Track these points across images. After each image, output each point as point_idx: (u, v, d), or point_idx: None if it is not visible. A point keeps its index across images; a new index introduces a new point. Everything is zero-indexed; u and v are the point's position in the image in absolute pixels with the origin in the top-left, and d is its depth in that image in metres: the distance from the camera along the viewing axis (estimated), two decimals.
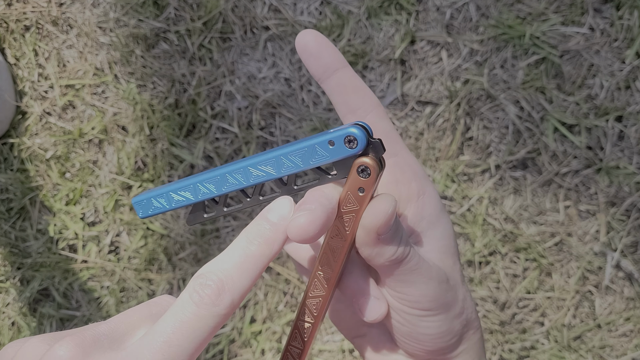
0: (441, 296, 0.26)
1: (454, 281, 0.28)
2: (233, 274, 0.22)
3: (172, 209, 0.26)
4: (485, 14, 0.88)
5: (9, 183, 0.90)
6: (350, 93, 0.27)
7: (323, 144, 0.21)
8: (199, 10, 0.89)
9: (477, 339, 0.30)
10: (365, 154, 0.22)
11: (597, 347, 0.86)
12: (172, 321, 0.21)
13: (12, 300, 0.89)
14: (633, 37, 0.86)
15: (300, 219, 0.22)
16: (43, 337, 0.22)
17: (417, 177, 0.28)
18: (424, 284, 0.26)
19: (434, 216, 0.28)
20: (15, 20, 0.91)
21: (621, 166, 0.86)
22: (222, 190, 0.24)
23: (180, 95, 0.89)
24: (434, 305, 0.26)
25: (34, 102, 0.91)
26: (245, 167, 0.23)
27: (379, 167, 0.22)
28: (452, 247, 0.29)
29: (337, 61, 0.27)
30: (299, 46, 0.27)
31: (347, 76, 0.27)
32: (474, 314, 0.29)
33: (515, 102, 0.87)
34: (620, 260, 0.86)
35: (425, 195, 0.28)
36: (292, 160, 0.22)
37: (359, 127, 0.21)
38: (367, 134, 0.22)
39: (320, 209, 0.22)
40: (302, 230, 0.22)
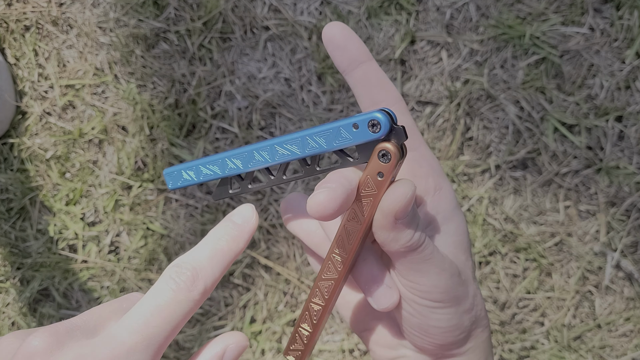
0: (452, 289, 0.27)
1: (466, 276, 0.28)
2: (205, 264, 0.24)
3: (200, 182, 0.26)
4: (485, 14, 0.88)
5: (9, 183, 0.90)
6: (374, 86, 0.27)
7: (347, 127, 0.22)
8: (199, 10, 0.89)
9: (485, 337, 0.30)
10: (387, 140, 0.22)
11: (597, 347, 0.85)
12: (151, 304, 0.23)
13: (12, 300, 0.89)
14: (633, 37, 0.86)
15: (319, 195, 0.22)
16: (16, 333, 0.23)
17: (435, 173, 0.28)
18: (436, 275, 0.26)
19: (449, 211, 0.29)
20: (15, 20, 0.91)
21: (621, 166, 0.86)
22: (249, 167, 0.25)
23: (180, 95, 0.89)
24: (445, 297, 0.27)
25: (34, 102, 0.91)
26: (272, 145, 0.24)
27: (400, 153, 0.22)
28: (465, 242, 0.29)
29: (362, 54, 0.27)
30: (326, 38, 0.27)
31: (372, 69, 0.27)
32: (483, 311, 0.29)
33: (515, 102, 0.87)
34: (620, 260, 0.86)
35: (442, 190, 0.29)
36: (317, 141, 0.23)
37: (384, 113, 0.22)
38: (391, 120, 0.22)
39: (340, 189, 0.23)
40: (321, 207, 0.22)
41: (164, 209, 0.89)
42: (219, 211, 0.88)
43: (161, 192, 0.89)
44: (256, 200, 0.88)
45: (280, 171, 0.26)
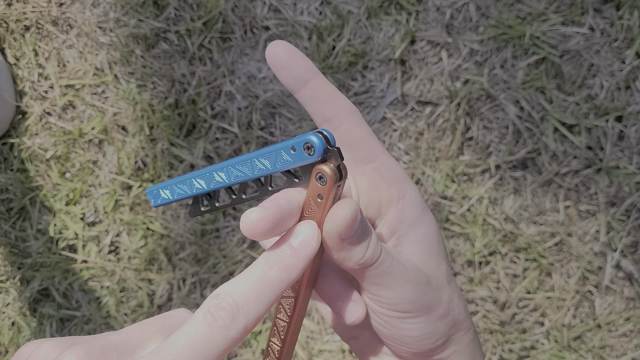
0: (420, 298, 0.26)
1: (438, 282, 0.28)
2: (249, 298, 0.21)
3: (175, 200, 0.27)
4: (485, 14, 0.88)
5: (9, 183, 0.90)
6: (322, 102, 0.27)
7: (286, 149, 0.22)
8: (199, 10, 0.89)
9: (469, 340, 0.29)
10: (324, 161, 0.22)
11: (597, 347, 0.86)
12: (184, 339, 0.21)
13: (12, 300, 0.89)
14: (633, 37, 0.86)
15: (252, 214, 0.22)
16: (57, 341, 0.22)
17: (397, 181, 0.28)
18: (399, 287, 0.26)
19: (415, 218, 0.28)
20: (15, 20, 0.91)
21: (621, 166, 0.86)
22: (211, 187, 0.26)
23: (180, 95, 0.89)
24: (412, 307, 0.26)
25: (34, 102, 0.91)
26: (227, 167, 0.25)
27: (336, 175, 0.22)
28: (435, 247, 0.28)
29: (307, 71, 0.27)
30: (269, 58, 0.26)
31: (319, 85, 0.27)
32: (462, 314, 0.29)
33: (515, 102, 0.87)
34: (620, 260, 0.86)
35: (406, 198, 0.28)
36: (263, 163, 0.23)
37: (318, 135, 0.22)
38: (326, 142, 0.22)
39: (275, 208, 0.22)
40: (252, 226, 0.22)
41: (164, 209, 0.89)
42: (218, 211, 0.88)
43: None
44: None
45: (240, 191, 0.26)
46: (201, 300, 0.88)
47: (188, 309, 0.92)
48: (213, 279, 0.87)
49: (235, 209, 0.88)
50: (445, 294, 0.28)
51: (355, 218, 0.23)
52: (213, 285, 0.88)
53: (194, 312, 0.22)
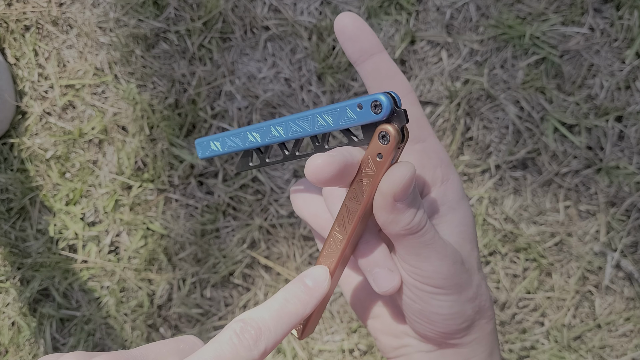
0: (455, 276, 0.27)
1: (470, 265, 0.28)
2: (270, 325, 0.24)
3: (225, 152, 0.28)
4: (485, 14, 0.88)
5: (9, 183, 0.90)
6: (384, 78, 0.28)
7: (352, 106, 0.23)
8: (199, 10, 0.89)
9: (490, 329, 0.30)
10: (388, 122, 0.23)
11: (597, 347, 0.86)
12: (211, 354, 0.22)
13: (12, 300, 0.89)
14: (633, 37, 0.86)
15: (318, 159, 0.23)
16: (77, 355, 0.23)
17: (443, 164, 0.29)
18: (437, 260, 0.26)
19: (455, 202, 0.29)
20: (15, 20, 0.91)
21: (621, 166, 0.86)
22: (266, 141, 0.26)
23: (180, 95, 0.89)
24: (446, 283, 0.27)
25: (34, 102, 0.91)
26: (287, 121, 0.25)
27: (400, 136, 0.23)
28: (470, 233, 0.29)
29: (374, 46, 0.27)
30: (338, 28, 0.27)
31: (383, 61, 0.28)
32: (488, 302, 0.29)
33: (515, 102, 0.88)
34: (620, 260, 0.86)
35: (449, 181, 0.29)
36: (325, 119, 0.24)
37: (387, 95, 0.22)
38: (394, 103, 0.23)
39: (339, 157, 0.23)
40: (318, 169, 0.23)
41: (164, 209, 0.89)
42: (218, 211, 0.88)
43: (161, 192, 0.89)
44: (256, 200, 0.88)
45: (294, 148, 0.27)
46: (201, 300, 0.88)
47: (188, 308, 0.92)
48: (213, 279, 0.88)
49: (235, 209, 0.88)
50: (475, 278, 0.28)
51: (412, 180, 0.24)
52: (213, 286, 0.88)
53: (202, 340, 0.25)
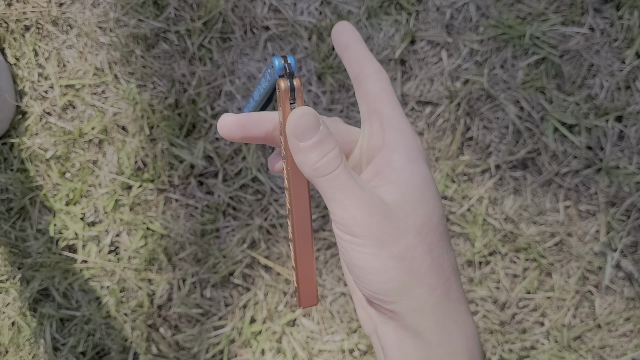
0: (372, 226, 0.26)
1: (404, 226, 0.27)
2: None
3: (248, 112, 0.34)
4: (485, 14, 0.88)
5: (9, 183, 0.90)
6: (356, 63, 0.31)
7: (268, 67, 0.29)
8: (199, 10, 0.89)
9: (434, 302, 0.28)
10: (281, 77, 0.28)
11: (597, 347, 0.86)
12: None
13: (12, 300, 0.89)
14: (633, 37, 0.86)
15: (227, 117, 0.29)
16: None
17: (394, 130, 0.30)
18: (351, 207, 0.26)
19: (400, 164, 0.29)
20: (15, 20, 0.91)
21: (621, 166, 0.86)
22: (256, 101, 0.34)
23: (180, 95, 0.89)
24: (362, 231, 0.26)
25: (34, 102, 0.91)
26: (257, 85, 0.32)
27: (285, 84, 0.28)
28: (416, 195, 0.28)
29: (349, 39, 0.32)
30: (333, 35, 0.33)
31: (358, 49, 0.32)
32: (427, 270, 0.27)
33: (515, 102, 0.88)
34: (620, 260, 0.86)
35: (398, 146, 0.29)
36: (264, 79, 0.30)
37: (279, 58, 0.28)
38: (283, 62, 0.28)
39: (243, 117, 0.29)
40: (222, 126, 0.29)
41: (164, 209, 0.89)
42: (219, 211, 0.88)
43: (161, 192, 0.89)
44: (256, 200, 0.88)
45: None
46: (201, 300, 0.88)
47: (188, 308, 0.92)
48: (213, 279, 0.88)
49: (235, 209, 0.88)
50: (409, 239, 0.27)
51: (306, 118, 0.27)
52: (213, 286, 0.88)
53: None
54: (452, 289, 0.29)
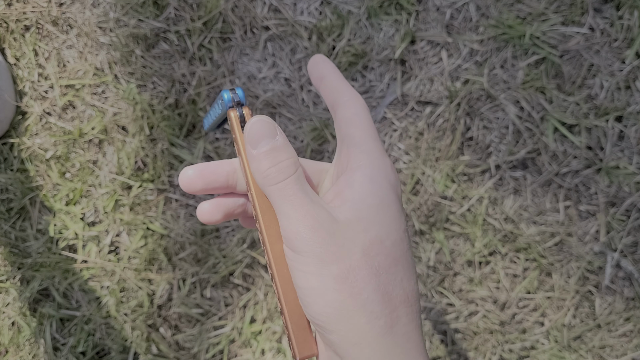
0: (315, 242, 0.25)
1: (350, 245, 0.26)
2: None
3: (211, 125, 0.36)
4: (485, 14, 0.88)
5: (9, 183, 0.90)
6: (332, 93, 0.31)
7: (220, 99, 0.30)
8: (199, 10, 0.89)
9: (376, 334, 0.25)
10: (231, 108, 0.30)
11: (597, 347, 0.86)
12: None
13: (12, 300, 0.89)
14: (633, 37, 0.86)
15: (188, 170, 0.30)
16: None
17: (361, 152, 0.28)
18: (297, 220, 0.25)
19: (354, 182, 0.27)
20: (15, 20, 0.91)
21: (621, 166, 0.86)
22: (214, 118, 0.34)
23: (180, 95, 0.89)
24: (304, 247, 0.25)
25: (34, 102, 0.91)
26: (212, 106, 0.33)
27: (236, 115, 0.29)
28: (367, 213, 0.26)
29: (324, 70, 0.32)
30: (310, 68, 0.33)
31: (333, 79, 0.32)
32: (375, 301, 0.25)
33: (515, 102, 0.87)
34: (620, 260, 0.86)
35: (360, 165, 0.28)
36: (216, 108, 0.32)
37: (227, 91, 0.30)
38: (232, 94, 0.30)
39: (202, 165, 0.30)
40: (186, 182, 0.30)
41: (164, 209, 0.89)
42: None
43: (161, 192, 0.89)
44: None
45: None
46: (201, 300, 0.88)
47: (188, 308, 0.92)
48: (213, 279, 0.88)
49: None
50: (353, 260, 0.25)
51: (261, 124, 0.27)
52: (213, 286, 0.88)
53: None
54: (401, 322, 0.25)
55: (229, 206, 0.31)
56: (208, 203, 0.30)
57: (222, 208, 0.31)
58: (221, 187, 0.30)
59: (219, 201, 0.31)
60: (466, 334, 0.87)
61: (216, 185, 0.30)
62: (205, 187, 0.30)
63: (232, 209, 0.31)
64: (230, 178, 0.30)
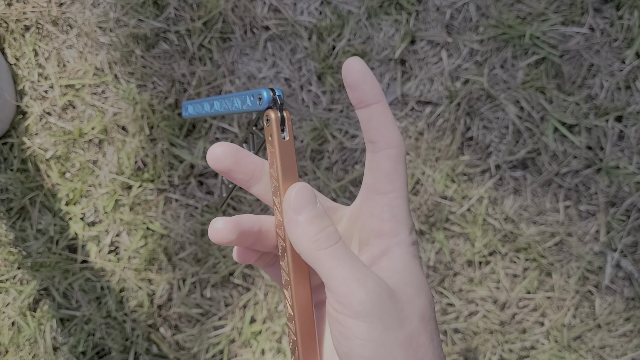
0: (378, 307, 0.24)
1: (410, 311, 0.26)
2: None
3: (193, 116, 0.35)
4: (485, 14, 0.88)
5: (9, 183, 0.90)
6: (373, 128, 0.28)
7: (249, 95, 0.29)
8: (199, 10, 0.89)
9: None
10: (269, 109, 0.28)
11: (597, 347, 0.86)
12: None
13: (12, 300, 0.89)
14: (633, 37, 0.86)
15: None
16: None
17: (395, 220, 0.28)
18: (356, 285, 0.24)
19: (399, 256, 0.28)
20: (15, 20, 0.91)
21: (621, 166, 0.86)
22: (211, 111, 0.33)
23: (180, 95, 0.89)
24: (365, 309, 0.24)
25: (34, 102, 0.91)
26: (220, 99, 0.31)
27: (277, 116, 0.28)
28: (415, 281, 0.27)
29: (372, 97, 0.28)
30: (343, 74, 0.29)
31: (378, 112, 0.28)
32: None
33: (515, 102, 0.87)
34: (620, 260, 0.86)
35: (396, 238, 0.28)
36: (236, 102, 0.30)
37: (268, 90, 0.28)
38: (272, 94, 0.28)
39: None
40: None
41: (164, 209, 0.89)
42: (218, 211, 0.88)
43: (161, 192, 0.89)
44: (256, 200, 0.88)
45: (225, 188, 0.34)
46: (201, 300, 0.88)
47: (188, 308, 0.92)
48: (213, 279, 0.88)
49: (235, 209, 0.88)
50: (413, 325, 0.25)
51: (303, 192, 0.27)
52: (213, 286, 0.88)
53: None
54: None
55: (245, 225, 0.28)
56: (222, 220, 0.27)
57: (238, 227, 0.28)
58: (244, 177, 0.29)
59: (236, 219, 0.28)
60: (466, 334, 0.87)
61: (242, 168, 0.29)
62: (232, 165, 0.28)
63: (248, 227, 0.28)
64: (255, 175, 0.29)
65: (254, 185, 0.29)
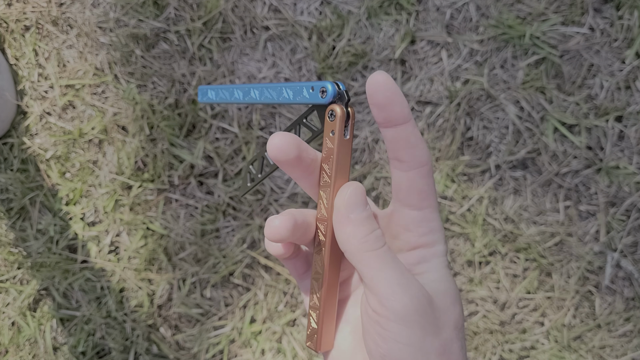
0: (420, 313, 0.25)
1: (446, 319, 0.27)
2: None
3: (216, 102, 0.33)
4: (485, 14, 0.88)
5: (9, 183, 0.90)
6: (401, 148, 0.27)
7: (307, 88, 0.28)
8: (199, 10, 0.89)
9: None
10: (334, 103, 0.27)
11: (597, 347, 0.86)
12: None
13: (12, 300, 0.89)
14: (633, 37, 0.86)
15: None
16: None
17: (432, 233, 0.29)
18: (401, 289, 0.25)
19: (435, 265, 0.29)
20: (15, 20, 0.91)
21: (621, 166, 0.86)
22: (245, 99, 0.31)
23: (180, 95, 0.89)
24: (407, 312, 0.25)
25: (34, 102, 0.91)
26: (261, 88, 0.30)
27: (343, 112, 0.27)
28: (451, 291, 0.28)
29: (400, 117, 0.27)
30: (368, 91, 0.27)
31: (405, 132, 0.27)
32: None
33: (515, 102, 0.87)
34: (620, 260, 0.86)
35: (433, 249, 0.29)
36: (287, 93, 0.29)
37: (333, 84, 0.27)
38: (337, 88, 0.27)
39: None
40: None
41: (164, 209, 0.89)
42: (218, 211, 0.88)
43: (161, 192, 0.89)
44: (256, 200, 0.88)
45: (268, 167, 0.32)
46: (201, 300, 0.88)
47: (188, 308, 0.92)
48: (213, 279, 0.88)
49: (235, 209, 0.88)
50: (447, 333, 0.26)
51: (359, 193, 0.27)
52: (213, 286, 0.88)
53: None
54: None
55: (298, 219, 0.27)
56: (279, 218, 0.27)
57: (293, 223, 0.27)
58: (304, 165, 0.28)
59: (289, 214, 0.27)
60: (466, 334, 0.87)
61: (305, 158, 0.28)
62: (296, 157, 0.27)
63: (301, 221, 0.28)
64: (313, 163, 0.29)
65: (306, 177, 0.29)
